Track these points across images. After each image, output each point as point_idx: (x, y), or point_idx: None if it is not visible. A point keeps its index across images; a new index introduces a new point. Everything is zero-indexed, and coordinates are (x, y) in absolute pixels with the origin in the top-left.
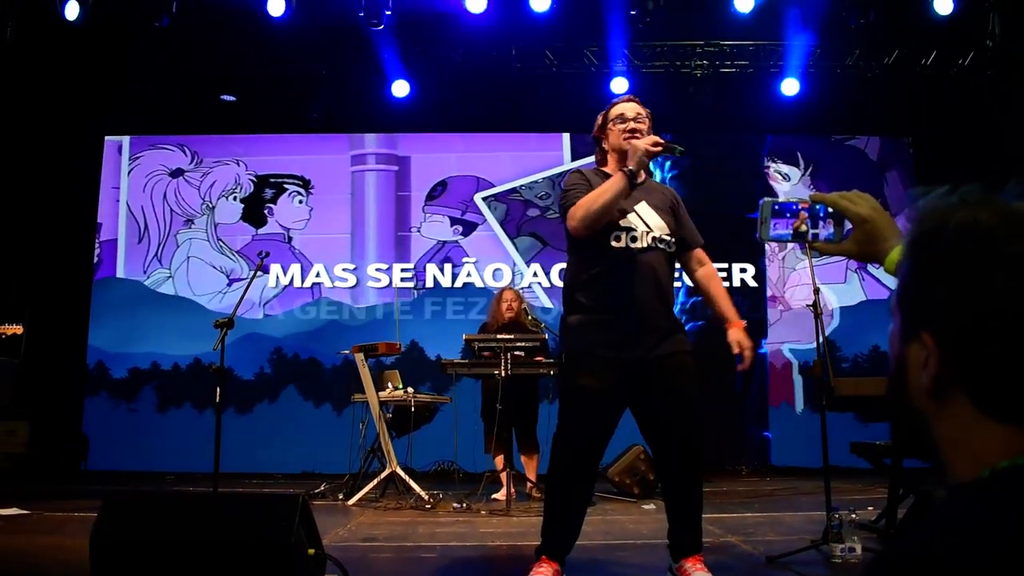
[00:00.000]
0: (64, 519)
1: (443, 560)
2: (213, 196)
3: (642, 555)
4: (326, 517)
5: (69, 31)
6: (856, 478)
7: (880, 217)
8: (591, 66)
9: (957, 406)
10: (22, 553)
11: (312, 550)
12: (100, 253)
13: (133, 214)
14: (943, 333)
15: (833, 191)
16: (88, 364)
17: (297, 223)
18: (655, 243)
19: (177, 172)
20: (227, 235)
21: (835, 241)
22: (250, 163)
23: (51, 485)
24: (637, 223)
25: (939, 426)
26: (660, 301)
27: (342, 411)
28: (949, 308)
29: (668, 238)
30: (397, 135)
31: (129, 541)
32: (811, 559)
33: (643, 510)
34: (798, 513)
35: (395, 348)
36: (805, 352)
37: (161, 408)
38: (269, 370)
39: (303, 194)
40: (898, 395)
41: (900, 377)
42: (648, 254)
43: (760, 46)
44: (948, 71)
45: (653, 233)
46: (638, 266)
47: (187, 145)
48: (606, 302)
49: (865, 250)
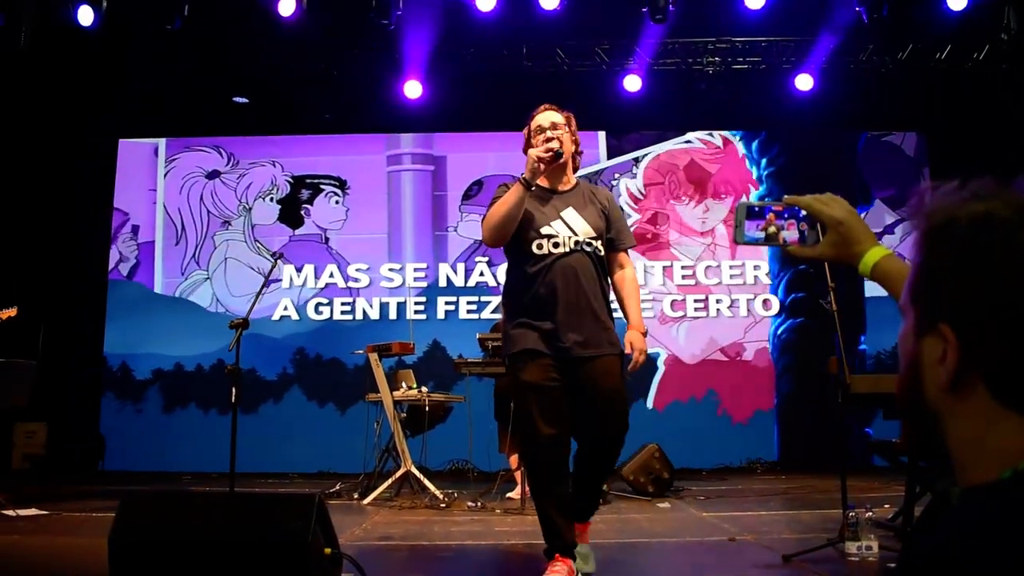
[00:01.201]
0: (82, 519)
1: (458, 559)
2: (249, 197)
3: (657, 554)
4: (342, 516)
5: (81, 35)
6: (873, 476)
7: (854, 220)
8: (602, 64)
9: (975, 401)
10: (42, 553)
11: (328, 549)
12: (138, 255)
13: (170, 216)
14: (961, 325)
15: (873, 189)
16: (105, 365)
17: (334, 224)
18: (579, 247)
19: (213, 174)
20: (264, 236)
21: (809, 244)
22: (286, 164)
23: (69, 485)
24: (561, 229)
25: (955, 424)
26: (585, 303)
27: (356, 411)
28: (966, 300)
29: (594, 241)
30: (433, 135)
31: (147, 541)
32: (827, 557)
33: (658, 508)
34: (814, 511)
35: (409, 348)
36: None
37: (177, 408)
38: (292, 370)
39: (339, 195)
40: (911, 394)
41: (913, 375)
42: (572, 258)
43: (773, 42)
44: (963, 65)
45: (577, 237)
46: (561, 270)
47: (223, 147)
48: (534, 306)
49: (839, 253)
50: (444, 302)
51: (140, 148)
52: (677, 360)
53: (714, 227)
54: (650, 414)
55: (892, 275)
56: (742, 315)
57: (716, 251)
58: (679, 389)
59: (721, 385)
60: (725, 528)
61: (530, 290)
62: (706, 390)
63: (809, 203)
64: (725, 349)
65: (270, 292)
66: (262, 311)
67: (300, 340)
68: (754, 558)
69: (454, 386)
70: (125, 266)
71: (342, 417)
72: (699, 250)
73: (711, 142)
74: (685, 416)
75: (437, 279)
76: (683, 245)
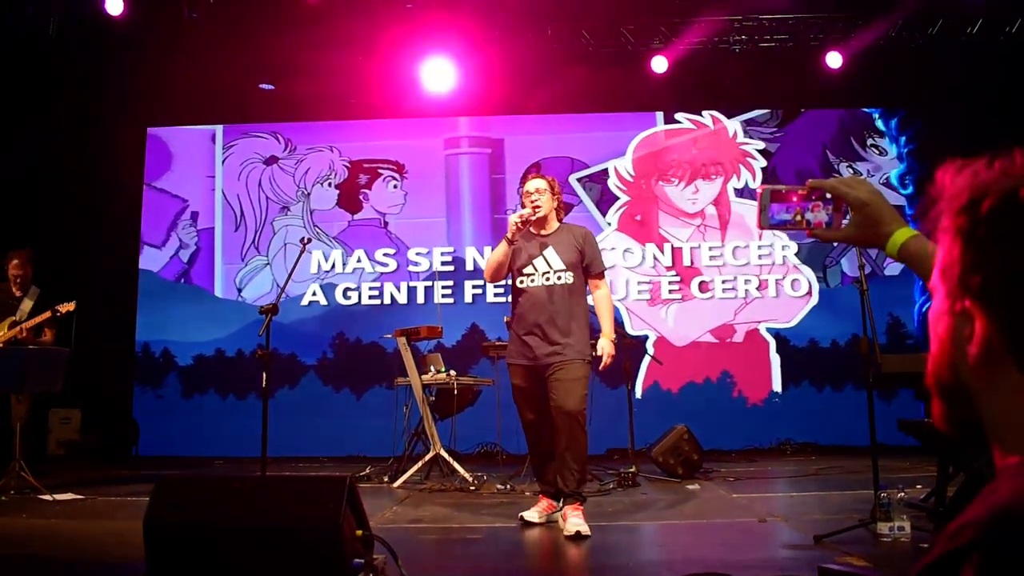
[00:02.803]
0: (118, 503)
1: (488, 541)
2: (308, 183)
3: (687, 535)
4: (372, 499)
5: (111, 24)
6: (905, 456)
7: (879, 201)
8: (627, 44)
9: (1008, 379)
10: (79, 537)
11: (360, 531)
12: (198, 241)
13: (229, 202)
14: (991, 301)
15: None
16: (137, 352)
17: (392, 208)
18: (554, 279)
19: (271, 159)
20: (323, 221)
21: (834, 227)
22: (343, 149)
23: (104, 470)
24: (541, 266)
25: (990, 401)
26: (555, 323)
27: (385, 395)
28: (996, 277)
29: (564, 273)
30: (491, 117)
31: (181, 524)
32: (859, 538)
33: (687, 490)
34: (845, 492)
35: (437, 332)
36: (783, 332)
37: (208, 394)
38: (321, 355)
39: (397, 179)
40: (943, 371)
41: (945, 352)
42: (547, 289)
43: (801, 19)
44: (995, 39)
45: (552, 271)
46: (538, 299)
47: (280, 132)
48: (520, 326)
49: (865, 234)
50: (471, 286)
51: (198, 134)
52: (664, 341)
53: (703, 208)
54: (666, 396)
55: (919, 255)
56: (733, 296)
57: (706, 232)
58: (675, 373)
59: (728, 366)
60: (755, 509)
61: (517, 314)
62: (714, 372)
63: (834, 186)
64: (715, 331)
65: (330, 276)
66: (290, 296)
67: (330, 325)
68: (785, 539)
69: (473, 368)
70: (185, 252)
71: (372, 401)
72: (689, 231)
73: (701, 122)
74: (696, 398)
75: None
76: (672, 227)
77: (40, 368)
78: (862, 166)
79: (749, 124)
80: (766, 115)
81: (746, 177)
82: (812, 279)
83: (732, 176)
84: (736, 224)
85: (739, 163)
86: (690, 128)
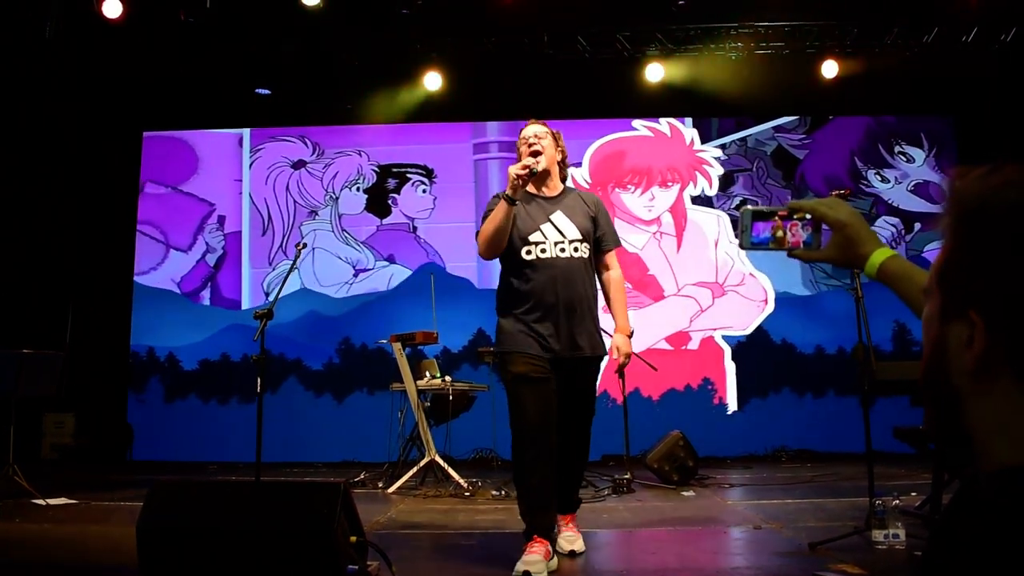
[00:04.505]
0: (111, 508)
1: (482, 547)
2: (336, 187)
3: (682, 542)
4: (367, 505)
5: (108, 27)
6: (900, 463)
7: (858, 222)
8: (623, 51)
9: (1002, 386)
10: (72, 541)
11: (354, 537)
12: (224, 245)
13: (256, 206)
14: (990, 312)
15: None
16: (131, 356)
17: (421, 212)
18: (567, 250)
19: (299, 163)
20: (352, 226)
21: (814, 247)
22: (372, 153)
23: (98, 475)
24: (550, 233)
25: (980, 409)
26: (577, 307)
27: (380, 400)
28: (996, 287)
29: (581, 244)
30: (520, 122)
31: (175, 529)
32: (854, 545)
33: (682, 496)
34: (840, 499)
35: (432, 337)
36: (740, 339)
37: (202, 399)
38: (320, 359)
39: (426, 183)
40: (935, 377)
41: (938, 359)
42: (559, 262)
43: (796, 27)
44: (990, 47)
45: (566, 241)
46: (548, 274)
47: (308, 136)
48: (524, 308)
49: (845, 255)
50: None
51: (224, 138)
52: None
53: (660, 215)
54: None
55: (898, 275)
56: (688, 304)
57: (662, 240)
58: (650, 380)
59: (685, 374)
60: (751, 516)
61: (520, 293)
62: (679, 380)
63: (813, 207)
64: (670, 338)
65: (358, 282)
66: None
67: (325, 329)
68: (780, 546)
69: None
70: (212, 256)
71: (367, 406)
72: (645, 238)
73: (657, 129)
74: (678, 406)
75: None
76: (629, 234)
77: (34, 372)
78: (890, 173)
79: (778, 131)
80: (794, 122)
81: (702, 184)
82: (768, 287)
83: (688, 183)
84: (692, 231)
85: (695, 170)
86: (647, 135)
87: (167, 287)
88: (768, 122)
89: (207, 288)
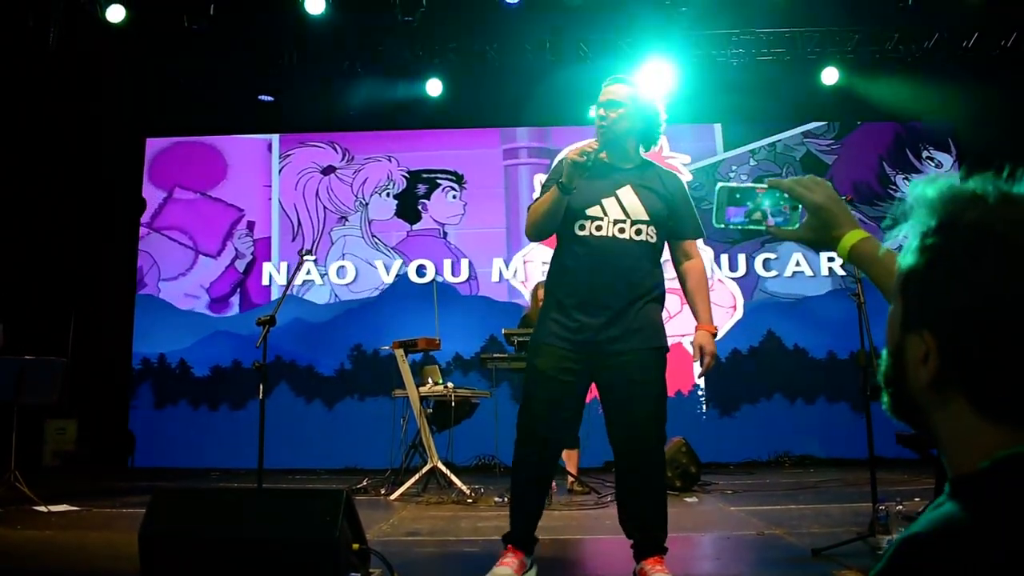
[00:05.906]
0: (113, 515)
1: (486, 554)
2: (366, 193)
3: (685, 548)
4: (369, 512)
5: (111, 33)
6: (903, 468)
7: (835, 205)
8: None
9: (955, 404)
10: (74, 548)
11: (357, 545)
12: (254, 251)
13: (286, 212)
14: (944, 333)
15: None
16: (134, 363)
17: (452, 218)
18: (627, 231)
19: (329, 169)
20: (382, 231)
21: (790, 227)
22: (401, 159)
23: (100, 481)
24: (611, 209)
25: (937, 420)
26: (623, 289)
27: (382, 407)
28: (952, 310)
29: (645, 226)
30: (549, 128)
31: (177, 536)
32: (857, 551)
33: (685, 503)
34: (843, 505)
35: (435, 344)
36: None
37: (204, 405)
38: (322, 365)
39: (456, 189)
40: (896, 383)
41: (897, 364)
42: (615, 243)
43: (797, 33)
44: (990, 53)
45: (628, 221)
46: (601, 255)
47: (337, 142)
48: (567, 291)
49: (819, 237)
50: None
51: (253, 144)
52: None
53: None
54: None
55: (867, 257)
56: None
57: None
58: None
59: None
60: (754, 522)
61: (566, 274)
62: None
63: (791, 187)
64: None
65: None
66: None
67: (327, 335)
68: (783, 552)
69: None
70: (241, 262)
71: (369, 413)
72: None
73: None
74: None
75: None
76: None
77: (36, 378)
78: (918, 178)
79: (807, 136)
80: (823, 127)
81: None
82: (737, 293)
83: None
84: None
85: None
86: None
87: (195, 293)
88: (797, 127)
89: (236, 294)
